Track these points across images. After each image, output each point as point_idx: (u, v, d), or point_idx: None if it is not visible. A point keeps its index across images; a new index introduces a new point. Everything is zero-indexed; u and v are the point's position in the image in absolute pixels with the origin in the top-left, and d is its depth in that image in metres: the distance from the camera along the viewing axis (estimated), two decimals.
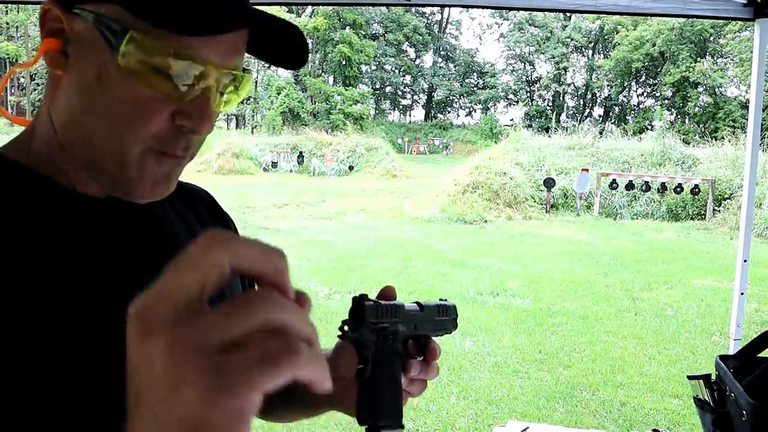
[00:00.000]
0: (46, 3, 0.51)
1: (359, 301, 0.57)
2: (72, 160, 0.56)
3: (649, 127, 30.41)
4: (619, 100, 43.12)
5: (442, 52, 48.68)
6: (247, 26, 0.54)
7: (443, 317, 0.66)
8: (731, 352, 2.33)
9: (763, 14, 2.21)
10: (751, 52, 2.33)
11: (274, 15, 0.53)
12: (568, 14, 36.55)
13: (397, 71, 46.69)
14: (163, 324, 0.29)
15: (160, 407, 0.29)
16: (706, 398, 1.68)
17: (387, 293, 0.64)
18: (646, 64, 39.01)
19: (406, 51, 47.19)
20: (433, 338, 0.64)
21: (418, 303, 0.64)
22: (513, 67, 46.41)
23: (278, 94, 34.54)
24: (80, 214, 0.57)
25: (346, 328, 0.58)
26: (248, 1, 0.58)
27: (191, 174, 20.72)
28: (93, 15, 0.50)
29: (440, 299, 0.68)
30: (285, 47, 0.57)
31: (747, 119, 2.40)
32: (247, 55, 0.58)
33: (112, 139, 0.53)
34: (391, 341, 0.58)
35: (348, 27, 39.88)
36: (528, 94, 45.78)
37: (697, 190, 12.43)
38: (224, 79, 0.55)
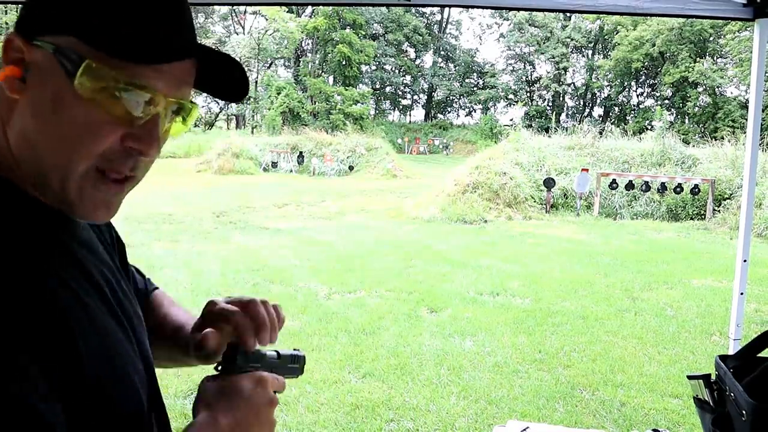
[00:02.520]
0: (9, 34, 0.57)
1: (234, 349, 0.70)
2: (22, 180, 0.59)
3: (649, 127, 30.41)
4: (619, 100, 43.10)
5: (442, 52, 48.65)
6: (188, 57, 0.60)
7: (294, 365, 0.79)
8: (731, 352, 2.33)
9: (762, 14, 2.21)
10: (751, 52, 2.33)
11: (216, 49, 0.61)
12: (568, 14, 36.55)
13: (397, 71, 46.66)
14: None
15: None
16: (706, 398, 1.68)
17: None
18: (646, 64, 39.01)
19: (406, 51, 47.15)
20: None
21: (277, 352, 0.76)
22: (513, 67, 46.38)
23: (278, 94, 34.53)
24: (47, 221, 0.62)
25: (220, 367, 0.71)
26: (194, 37, 0.65)
27: (191, 174, 20.80)
28: (53, 46, 0.56)
29: (295, 349, 0.81)
30: (228, 82, 0.65)
31: (746, 119, 2.40)
32: (246, 56, 0.60)
33: (60, 156, 0.57)
34: None
35: (348, 27, 39.86)
36: (528, 94, 45.76)
37: (696, 190, 12.43)
38: (172, 107, 0.61)
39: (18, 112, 0.58)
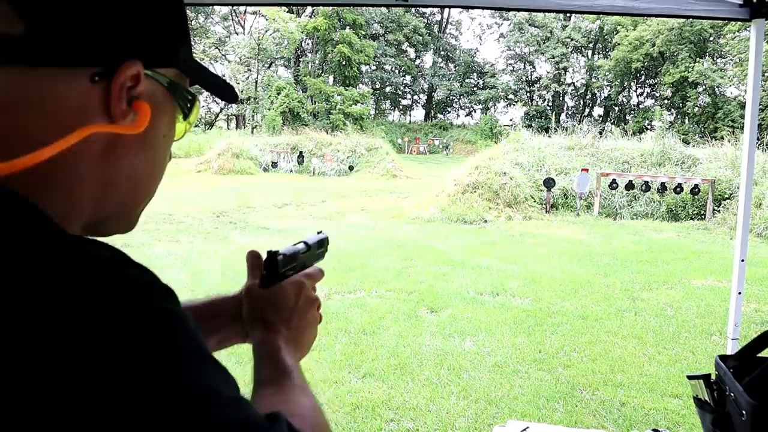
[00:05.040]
0: (130, 62, 0.49)
1: (273, 258, 0.72)
2: (84, 215, 0.52)
3: (649, 127, 30.43)
4: (619, 100, 43.09)
5: (442, 52, 48.65)
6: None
7: (321, 249, 0.84)
8: (729, 351, 2.33)
9: (759, 14, 2.22)
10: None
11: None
12: (567, 14, 36.55)
13: (397, 71, 46.65)
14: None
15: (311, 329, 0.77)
16: (706, 398, 1.69)
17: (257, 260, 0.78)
18: (646, 64, 39.00)
19: (406, 51, 47.15)
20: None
21: (305, 243, 0.79)
22: (513, 67, 46.38)
23: (278, 94, 34.53)
24: None
25: (264, 279, 0.74)
26: None
27: (191, 174, 20.79)
28: (167, 79, 0.54)
29: (318, 232, 0.85)
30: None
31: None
32: (246, 56, 0.61)
33: (153, 185, 0.58)
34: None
35: (348, 27, 39.85)
36: (528, 94, 45.75)
37: (696, 190, 12.43)
38: None
39: (121, 147, 0.51)
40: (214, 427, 0.39)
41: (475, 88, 46.67)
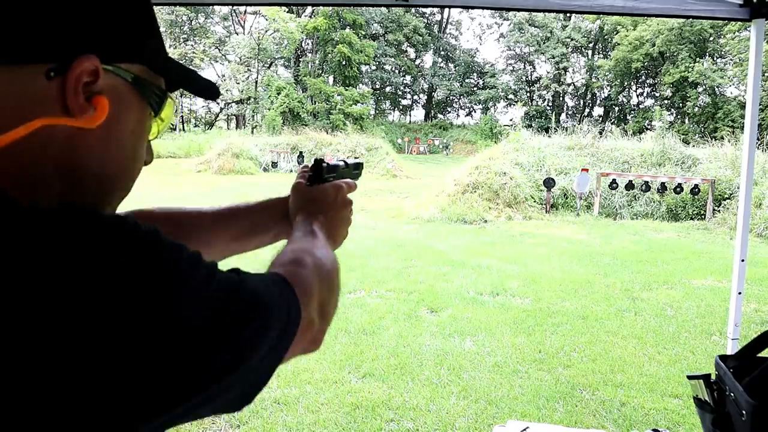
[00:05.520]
0: (86, 57, 0.49)
1: (318, 164, 0.91)
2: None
3: (649, 127, 30.42)
4: (619, 100, 43.09)
5: (442, 52, 48.64)
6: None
7: (357, 171, 1.01)
8: (729, 351, 2.33)
9: (759, 15, 2.22)
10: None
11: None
12: (568, 14, 36.54)
13: (397, 71, 46.64)
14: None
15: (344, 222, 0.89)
16: (706, 398, 1.69)
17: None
18: (646, 64, 38.99)
19: (406, 51, 47.14)
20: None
21: (345, 162, 0.97)
22: (513, 67, 46.38)
23: (278, 94, 34.52)
24: None
25: (309, 179, 0.90)
26: None
27: (191, 174, 20.71)
28: (131, 75, 0.54)
29: (355, 157, 1.03)
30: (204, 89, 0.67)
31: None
32: (246, 56, 0.61)
33: (129, 181, 0.58)
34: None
35: (348, 27, 39.84)
36: (528, 94, 45.74)
37: (696, 190, 12.43)
38: None
39: (86, 140, 0.52)
40: (213, 312, 0.46)
41: (475, 88, 46.66)
